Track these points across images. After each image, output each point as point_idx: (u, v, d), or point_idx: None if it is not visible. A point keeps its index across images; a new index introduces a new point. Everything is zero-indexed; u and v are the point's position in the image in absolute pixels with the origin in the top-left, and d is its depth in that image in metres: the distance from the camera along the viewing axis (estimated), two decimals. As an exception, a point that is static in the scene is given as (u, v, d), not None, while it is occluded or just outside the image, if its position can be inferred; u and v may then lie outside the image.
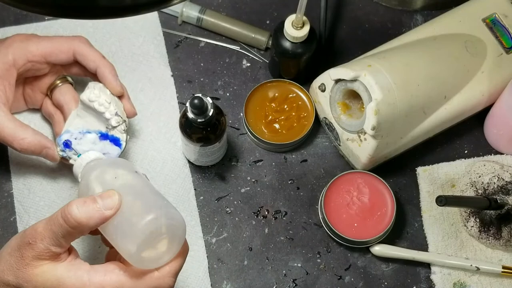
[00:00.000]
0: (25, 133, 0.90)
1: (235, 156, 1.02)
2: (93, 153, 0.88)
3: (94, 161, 0.87)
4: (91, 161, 0.87)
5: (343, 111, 0.97)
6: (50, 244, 0.75)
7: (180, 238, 0.78)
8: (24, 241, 0.76)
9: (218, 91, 1.05)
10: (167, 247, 0.77)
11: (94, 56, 0.93)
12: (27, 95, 0.98)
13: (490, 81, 0.99)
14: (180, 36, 1.07)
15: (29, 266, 0.75)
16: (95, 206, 0.75)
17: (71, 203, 0.75)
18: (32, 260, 0.75)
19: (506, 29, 1.00)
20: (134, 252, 0.75)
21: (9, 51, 0.91)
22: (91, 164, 0.86)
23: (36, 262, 0.75)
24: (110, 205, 0.76)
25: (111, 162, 0.85)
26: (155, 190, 0.81)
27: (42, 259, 0.75)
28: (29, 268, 0.75)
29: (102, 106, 0.92)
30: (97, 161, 0.87)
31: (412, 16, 1.10)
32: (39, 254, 0.75)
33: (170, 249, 0.78)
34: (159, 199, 0.79)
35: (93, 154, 0.88)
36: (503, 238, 0.97)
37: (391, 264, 0.98)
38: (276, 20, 1.07)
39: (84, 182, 0.82)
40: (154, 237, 0.76)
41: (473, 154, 1.03)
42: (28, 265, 0.75)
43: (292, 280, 0.97)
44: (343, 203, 0.97)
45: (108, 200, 0.76)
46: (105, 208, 0.76)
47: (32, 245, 0.75)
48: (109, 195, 0.77)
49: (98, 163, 0.85)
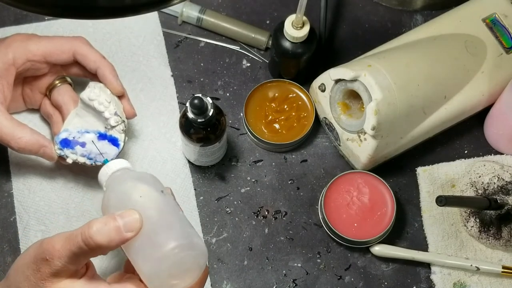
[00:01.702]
0: (22, 132, 0.90)
1: (235, 156, 1.02)
2: (120, 161, 0.85)
3: (120, 170, 0.83)
4: (118, 171, 0.83)
5: (343, 111, 0.97)
6: (67, 263, 0.73)
7: (201, 267, 0.77)
8: (42, 256, 0.74)
9: (218, 91, 1.05)
10: (188, 274, 0.76)
11: (94, 57, 0.93)
12: (26, 95, 0.98)
13: (490, 81, 0.99)
14: (180, 36, 1.07)
15: (46, 281, 0.74)
16: (116, 228, 0.73)
17: (92, 224, 0.73)
18: (49, 276, 0.74)
19: (506, 29, 1.00)
20: (153, 277, 0.74)
21: (9, 50, 0.91)
22: (117, 174, 0.83)
23: (53, 278, 0.74)
24: (131, 227, 0.74)
25: (137, 177, 0.81)
26: (180, 213, 0.79)
27: (59, 276, 0.74)
28: (46, 283, 0.74)
29: (101, 105, 0.92)
30: (123, 172, 0.84)
31: (412, 16, 1.10)
32: (56, 271, 0.74)
33: (190, 276, 0.76)
34: (184, 224, 0.77)
35: (119, 163, 0.84)
36: (503, 238, 0.97)
37: (391, 264, 0.98)
38: (276, 20, 1.07)
39: (108, 194, 0.80)
40: (175, 265, 0.74)
41: (473, 154, 1.03)
42: (45, 280, 0.74)
43: (292, 280, 0.97)
44: (343, 203, 0.97)
45: (130, 222, 0.74)
46: (126, 230, 0.74)
47: (49, 262, 0.73)
48: (132, 216, 0.74)
49: (125, 176, 0.82)
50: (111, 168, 0.83)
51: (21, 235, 0.97)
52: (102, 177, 0.84)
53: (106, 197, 0.80)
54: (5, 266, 0.96)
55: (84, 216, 0.98)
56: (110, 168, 0.83)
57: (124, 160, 0.85)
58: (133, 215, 0.75)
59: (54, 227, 0.97)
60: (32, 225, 0.97)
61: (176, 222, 0.77)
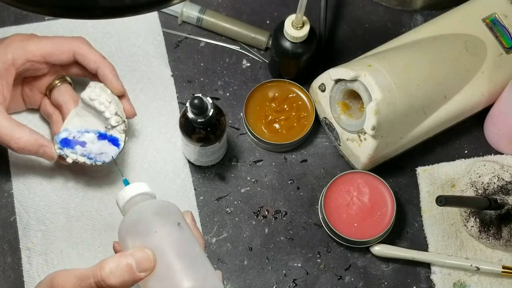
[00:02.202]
0: (21, 132, 0.90)
1: (235, 156, 1.02)
2: (138, 186, 0.80)
3: (139, 196, 0.79)
4: (136, 196, 0.79)
5: (343, 111, 0.97)
6: None
7: None
8: None
9: (218, 91, 1.05)
10: None
11: (94, 57, 0.93)
12: (25, 95, 0.98)
13: (490, 81, 0.99)
14: (180, 36, 1.07)
15: None
16: (129, 269, 0.72)
17: (104, 265, 0.72)
18: None
19: (506, 29, 1.00)
20: None
21: (9, 51, 0.91)
22: (136, 199, 0.79)
23: None
24: (145, 266, 0.72)
25: (155, 209, 0.77)
26: (197, 249, 0.76)
27: None
28: None
29: (102, 105, 0.92)
30: (142, 198, 0.79)
31: (412, 16, 1.10)
32: None
33: None
34: (200, 262, 0.75)
35: (137, 188, 0.80)
36: (503, 238, 0.97)
37: (391, 264, 0.98)
38: (276, 20, 1.07)
39: (125, 221, 0.77)
40: None
41: (473, 154, 1.03)
42: None
43: (292, 280, 0.97)
44: (343, 203, 0.97)
45: (143, 261, 0.72)
46: (140, 270, 0.72)
47: None
48: (145, 255, 0.73)
49: (142, 205, 0.78)
50: (128, 193, 0.79)
51: (21, 235, 0.97)
52: (119, 202, 0.80)
53: (123, 224, 0.77)
54: (5, 266, 0.96)
55: (84, 216, 0.98)
56: (128, 194, 0.79)
57: (143, 184, 0.81)
58: (147, 254, 0.73)
59: (54, 227, 0.97)
60: (32, 225, 0.97)
61: (192, 260, 0.75)
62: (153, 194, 0.81)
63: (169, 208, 0.78)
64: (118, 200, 0.80)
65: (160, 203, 0.79)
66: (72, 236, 0.97)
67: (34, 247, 0.96)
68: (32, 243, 0.96)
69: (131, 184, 0.80)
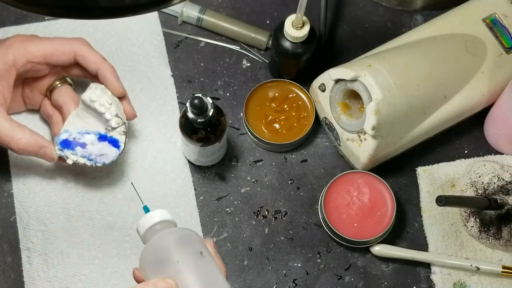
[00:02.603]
0: (22, 133, 0.90)
1: (235, 156, 1.02)
2: (160, 214, 0.79)
3: (159, 224, 0.78)
4: (156, 224, 0.78)
5: (343, 111, 0.97)
6: None
7: None
8: None
9: (218, 91, 1.05)
10: None
11: (95, 58, 0.93)
12: (26, 96, 0.98)
13: (490, 81, 0.99)
14: (180, 36, 1.07)
15: None
16: None
17: None
18: None
19: (506, 29, 1.00)
20: None
21: (9, 52, 0.91)
22: (156, 228, 0.78)
23: None
24: None
25: (177, 237, 0.76)
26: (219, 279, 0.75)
27: None
28: None
29: (103, 106, 0.92)
30: (163, 226, 0.78)
31: (412, 16, 1.10)
32: None
33: None
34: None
35: (159, 216, 0.78)
36: (503, 238, 0.97)
37: (391, 264, 0.98)
38: (276, 20, 1.07)
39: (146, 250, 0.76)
40: None
41: (473, 154, 1.03)
42: None
43: (292, 280, 0.97)
44: (343, 203, 0.97)
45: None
46: None
47: None
48: (168, 285, 0.72)
49: (163, 236, 0.76)
50: (149, 221, 0.78)
51: (21, 235, 0.97)
52: (140, 230, 0.79)
53: (144, 253, 0.76)
54: (5, 266, 0.96)
55: (84, 216, 0.98)
56: (148, 221, 0.78)
57: (165, 212, 0.79)
58: (169, 283, 0.72)
59: (54, 227, 0.97)
60: (32, 225, 0.97)
61: None
62: (174, 221, 0.80)
63: (191, 236, 0.77)
64: (138, 228, 0.79)
65: (182, 231, 0.77)
66: (72, 236, 0.97)
67: (34, 247, 0.96)
68: (32, 243, 0.96)
69: (151, 212, 0.79)
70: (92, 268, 0.96)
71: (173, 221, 0.79)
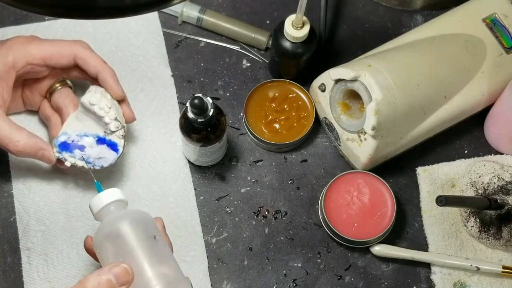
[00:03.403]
0: (20, 135, 0.90)
1: (235, 156, 1.02)
2: (112, 193, 0.82)
3: (113, 205, 0.82)
4: (110, 204, 0.81)
5: (343, 111, 0.97)
6: None
7: None
8: None
9: (218, 91, 1.05)
10: None
11: (95, 61, 0.93)
12: (25, 97, 0.98)
13: (490, 81, 0.99)
14: (180, 36, 1.07)
15: None
16: (109, 284, 0.76)
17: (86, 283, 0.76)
18: None
19: (506, 29, 1.00)
20: None
21: (9, 53, 0.91)
22: (110, 208, 0.81)
23: None
24: (124, 280, 0.76)
25: (132, 221, 0.80)
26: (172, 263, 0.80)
27: None
28: None
29: (102, 110, 0.92)
30: (116, 207, 0.82)
31: (412, 16, 1.10)
32: None
33: None
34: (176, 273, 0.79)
35: (111, 195, 0.81)
36: (503, 238, 0.97)
37: (391, 264, 0.98)
38: (276, 20, 1.07)
39: (100, 230, 0.80)
40: None
41: (473, 154, 1.03)
42: None
43: (292, 280, 0.97)
44: (343, 203, 0.97)
45: (122, 275, 0.77)
46: (119, 284, 0.76)
47: None
48: (123, 270, 0.77)
49: (118, 218, 0.80)
50: (103, 200, 0.81)
51: (21, 235, 0.97)
52: (93, 208, 0.82)
53: (100, 234, 0.80)
54: (5, 266, 0.96)
55: (84, 216, 0.98)
56: (102, 200, 0.81)
57: (117, 191, 0.82)
58: (124, 268, 0.77)
59: (54, 227, 0.97)
60: (32, 225, 0.97)
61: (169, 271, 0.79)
62: (126, 200, 0.83)
63: (145, 220, 0.81)
64: (91, 206, 0.82)
65: (137, 214, 0.81)
66: (72, 236, 0.97)
67: (34, 247, 0.96)
68: (32, 243, 0.96)
69: (105, 191, 0.82)
70: (92, 269, 0.96)
71: (126, 201, 0.83)
